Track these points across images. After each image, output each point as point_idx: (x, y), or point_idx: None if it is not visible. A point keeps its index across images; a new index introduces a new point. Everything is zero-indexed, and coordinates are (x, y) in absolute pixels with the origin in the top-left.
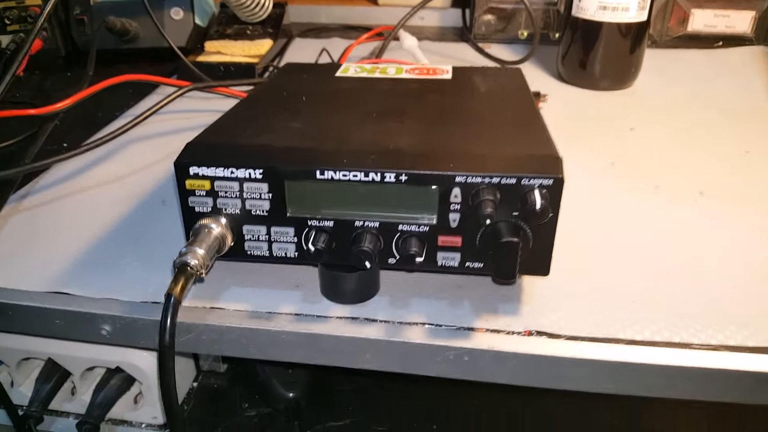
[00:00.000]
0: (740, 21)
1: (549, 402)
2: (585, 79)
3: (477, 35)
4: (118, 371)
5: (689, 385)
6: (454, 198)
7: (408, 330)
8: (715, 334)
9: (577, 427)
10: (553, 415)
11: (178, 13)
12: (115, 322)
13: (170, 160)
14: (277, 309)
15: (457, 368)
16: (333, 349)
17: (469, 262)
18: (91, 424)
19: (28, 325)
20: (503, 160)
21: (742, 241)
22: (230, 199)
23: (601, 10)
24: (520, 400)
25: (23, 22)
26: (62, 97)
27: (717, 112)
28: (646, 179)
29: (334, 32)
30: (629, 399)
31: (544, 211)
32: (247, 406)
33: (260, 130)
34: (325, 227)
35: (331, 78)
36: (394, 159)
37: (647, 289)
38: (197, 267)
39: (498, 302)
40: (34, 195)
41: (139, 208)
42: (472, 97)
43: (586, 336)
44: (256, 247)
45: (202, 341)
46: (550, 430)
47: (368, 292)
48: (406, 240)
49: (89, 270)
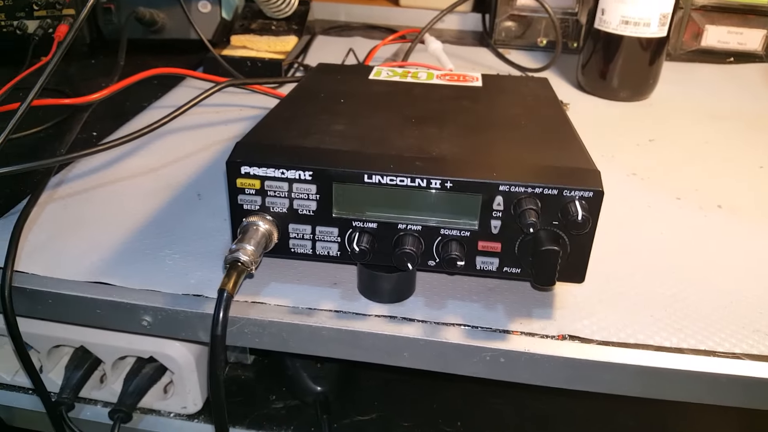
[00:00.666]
0: (752, 39)
1: (573, 403)
2: (604, 89)
3: (497, 41)
4: (150, 361)
5: (713, 392)
6: (497, 206)
7: (445, 330)
8: (739, 343)
9: (601, 429)
10: (577, 416)
11: (205, 6)
12: (156, 314)
13: (203, 154)
14: (316, 305)
15: (492, 369)
16: (372, 347)
17: (507, 267)
18: (124, 412)
19: (67, 313)
20: (545, 170)
21: (760, 253)
22: (278, 198)
23: (623, 24)
24: (543, 401)
25: (51, 8)
26: (89, 85)
27: (732, 126)
28: (668, 190)
29: (356, 31)
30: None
31: (585, 222)
32: (274, 398)
33: (305, 132)
34: (369, 228)
35: (365, 80)
36: (438, 165)
37: (673, 297)
38: (248, 263)
39: (531, 307)
40: (68, 183)
41: (174, 200)
42: (505, 106)
43: (617, 341)
44: (300, 245)
45: (245, 334)
46: (574, 430)
47: (405, 293)
48: (447, 244)
49: (129, 261)
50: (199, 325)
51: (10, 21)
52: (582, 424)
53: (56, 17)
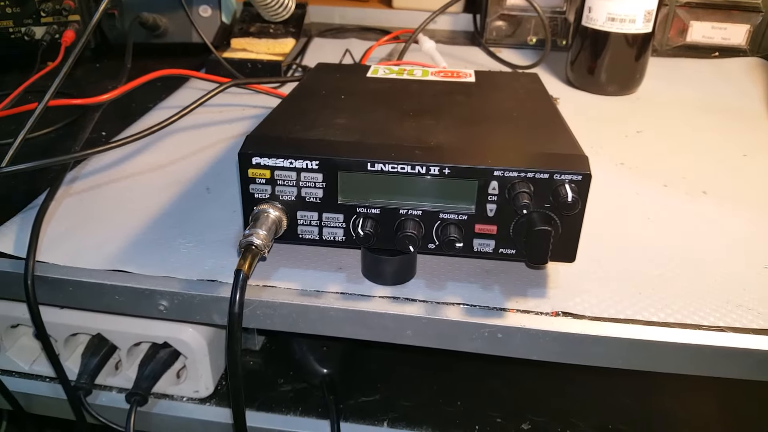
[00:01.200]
0: (736, 33)
1: (569, 383)
2: (593, 84)
3: (488, 40)
4: (164, 346)
5: (699, 363)
6: (492, 190)
7: (446, 309)
8: (723, 317)
9: (597, 407)
10: (572, 396)
11: (206, 11)
12: (173, 299)
13: (209, 151)
14: (324, 288)
15: (490, 345)
16: (377, 325)
17: (503, 248)
18: (140, 395)
19: (87, 301)
20: (537, 156)
21: (742, 235)
22: (287, 187)
23: (610, 21)
24: (540, 381)
25: (57, 15)
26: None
27: (717, 117)
28: (655, 178)
29: (351, 33)
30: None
31: (575, 203)
32: (282, 381)
33: (310, 125)
34: (372, 214)
35: (363, 78)
36: (437, 153)
37: (660, 277)
38: (261, 247)
39: (526, 286)
40: (82, 179)
41: (184, 194)
42: (498, 99)
43: (607, 317)
44: (307, 231)
45: (257, 316)
46: (568, 409)
47: (407, 275)
48: (446, 227)
49: (144, 250)
50: (214, 308)
51: (18, 28)
52: (578, 403)
53: (62, 23)
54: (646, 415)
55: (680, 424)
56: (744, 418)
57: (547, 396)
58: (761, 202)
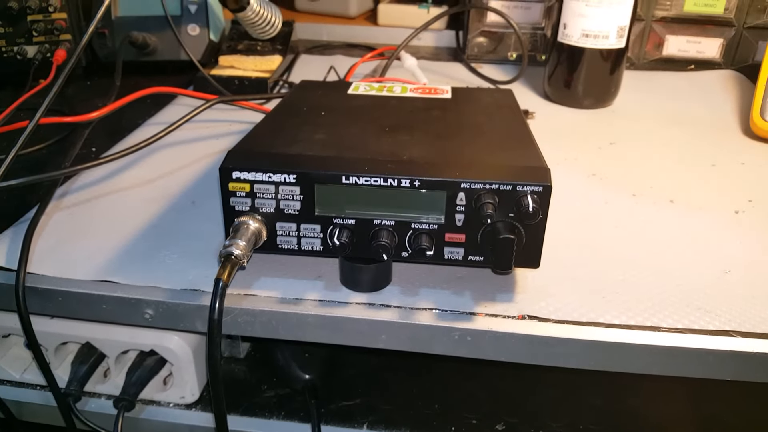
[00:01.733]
0: (710, 47)
1: (541, 386)
2: (569, 98)
3: (470, 56)
4: (151, 354)
5: (659, 363)
6: (460, 201)
7: (418, 314)
8: (681, 319)
9: (568, 408)
10: (545, 398)
11: (194, 30)
12: (158, 307)
13: (195, 166)
14: (303, 296)
15: (460, 347)
16: (353, 330)
17: (471, 255)
18: (127, 401)
19: (75, 310)
20: (501, 169)
21: (705, 241)
22: (266, 199)
23: (584, 37)
24: (517, 383)
25: (49, 34)
26: (87, 105)
27: (688, 129)
28: (625, 188)
29: (337, 50)
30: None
31: (536, 213)
32: (266, 387)
33: (290, 141)
34: (348, 225)
35: (344, 95)
36: (408, 167)
37: (623, 282)
38: (240, 256)
39: (495, 292)
40: (73, 194)
41: (170, 207)
42: (471, 115)
43: (571, 320)
44: (286, 242)
45: (238, 323)
46: (541, 411)
47: (383, 282)
48: (418, 236)
49: (131, 261)
50: (197, 316)
51: (10, 47)
52: (551, 404)
53: (54, 42)
54: (616, 414)
55: (649, 423)
56: (711, 417)
57: (521, 397)
58: (725, 209)
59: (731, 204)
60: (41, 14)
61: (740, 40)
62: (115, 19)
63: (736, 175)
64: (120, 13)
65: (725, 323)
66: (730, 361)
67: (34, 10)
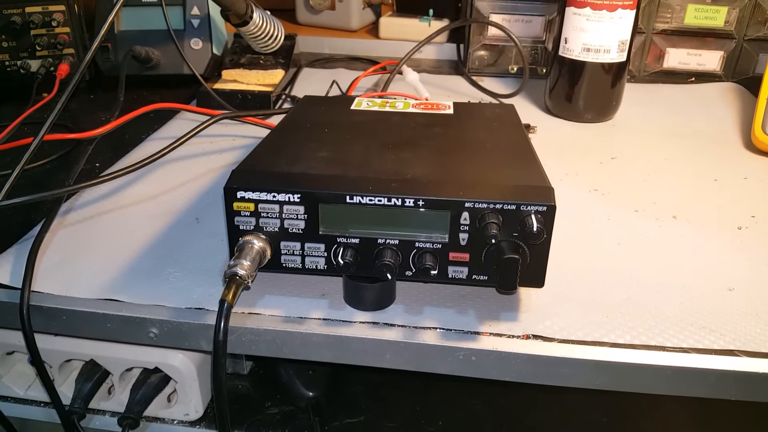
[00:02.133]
0: (710, 59)
1: (545, 403)
2: (570, 111)
3: (471, 69)
4: (155, 371)
5: (664, 383)
6: (464, 220)
7: (422, 333)
8: (686, 339)
9: (572, 426)
10: (549, 415)
11: (197, 44)
12: (162, 326)
13: (199, 181)
14: (307, 314)
15: (465, 367)
16: (357, 350)
17: (476, 275)
18: (132, 419)
19: (80, 328)
20: (505, 188)
21: (709, 258)
22: (271, 219)
23: (585, 51)
24: (519, 401)
25: (52, 48)
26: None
27: (690, 143)
28: (627, 204)
29: (339, 63)
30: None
31: (540, 233)
32: (269, 404)
33: (293, 159)
34: (352, 244)
35: (347, 111)
36: (412, 186)
37: (627, 300)
38: (245, 277)
39: (499, 311)
40: (76, 211)
41: (174, 224)
42: (473, 131)
43: (575, 339)
44: (291, 260)
45: (242, 342)
46: (545, 428)
47: (386, 301)
48: (422, 255)
49: (135, 279)
50: (201, 335)
51: (14, 61)
52: (556, 422)
53: (57, 56)
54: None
55: None
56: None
57: (525, 415)
58: (728, 225)
59: (734, 220)
60: (44, 28)
61: (741, 52)
62: (117, 33)
63: (738, 190)
64: (123, 27)
65: (730, 342)
66: (734, 381)
67: (37, 24)
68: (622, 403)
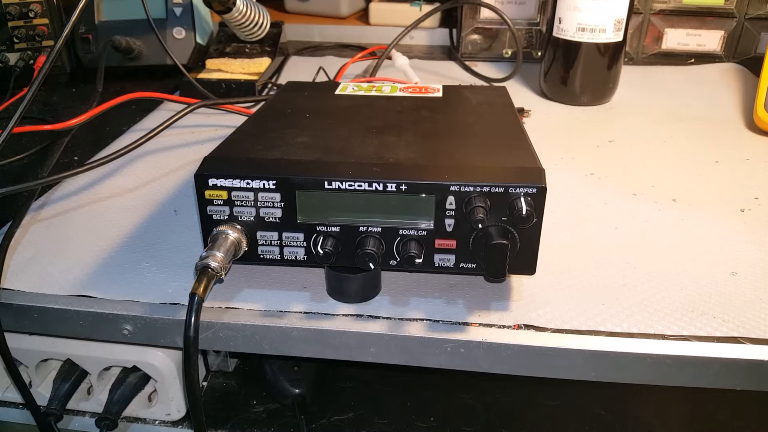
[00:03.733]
0: (710, 40)
1: (541, 396)
2: (566, 95)
3: (464, 54)
4: (134, 370)
5: (664, 372)
6: (449, 205)
7: (408, 325)
8: (687, 326)
9: (568, 420)
10: (545, 409)
11: (180, 33)
12: (136, 322)
13: (179, 173)
14: (287, 308)
15: (453, 360)
16: (340, 344)
17: (463, 262)
18: (110, 420)
19: (52, 326)
20: (492, 170)
21: (710, 242)
22: (245, 207)
23: (580, 32)
24: (512, 395)
25: (31, 41)
26: (71, 112)
27: (690, 125)
28: (624, 187)
29: (328, 50)
30: (615, 390)
31: (530, 216)
32: (255, 402)
33: (270, 145)
34: (332, 232)
35: (331, 95)
36: (394, 170)
37: (625, 286)
38: (217, 269)
39: (489, 300)
40: (51, 205)
41: (152, 217)
42: (462, 114)
43: (570, 329)
44: (268, 251)
45: (219, 338)
46: (541, 423)
47: (371, 292)
48: (406, 243)
49: (109, 274)
50: (177, 331)
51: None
52: (552, 415)
53: (36, 49)
54: (619, 425)
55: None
56: (718, 427)
57: (520, 408)
58: (731, 207)
59: (737, 202)
60: (22, 20)
61: (742, 31)
62: (98, 24)
63: (740, 172)
64: (104, 17)
65: (733, 329)
66: (739, 370)
67: (14, 16)
68: (621, 395)
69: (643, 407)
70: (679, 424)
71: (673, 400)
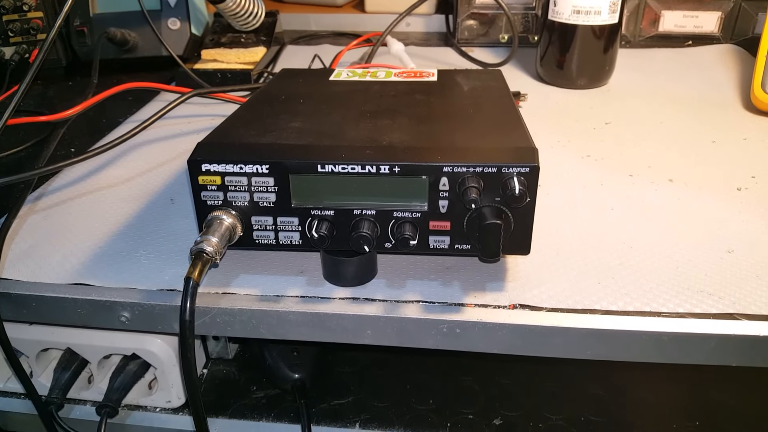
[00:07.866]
0: (708, 21)
1: (539, 377)
2: (562, 78)
3: (460, 40)
4: (134, 358)
5: (660, 350)
6: (443, 186)
7: (404, 307)
8: (683, 303)
9: (567, 400)
10: (543, 390)
11: (175, 24)
12: (133, 309)
13: (176, 162)
14: (284, 292)
15: (449, 340)
16: (337, 327)
17: (458, 244)
18: (110, 407)
19: (50, 315)
20: (485, 151)
21: (707, 220)
22: (239, 192)
23: (575, 14)
24: (511, 377)
25: (26, 34)
26: (67, 105)
27: (687, 106)
28: (621, 168)
29: (324, 39)
30: (616, 368)
31: (523, 195)
32: (255, 388)
33: (264, 130)
34: (327, 216)
35: (325, 81)
36: (387, 152)
37: (621, 266)
38: (212, 254)
39: (485, 281)
40: (48, 196)
41: (149, 206)
42: (457, 97)
43: (565, 308)
44: (263, 236)
45: (217, 323)
46: (539, 404)
47: (367, 275)
48: (401, 226)
49: (106, 263)
50: (174, 318)
51: None
52: (550, 396)
53: (31, 42)
54: (617, 405)
55: (652, 413)
56: (716, 404)
57: (519, 390)
58: (727, 186)
59: (733, 181)
60: (17, 14)
61: (739, 12)
62: (93, 16)
63: (737, 151)
64: (98, 9)
65: (729, 306)
66: (735, 346)
67: (8, 9)
68: (618, 373)
69: (640, 386)
70: (676, 401)
71: (670, 378)
